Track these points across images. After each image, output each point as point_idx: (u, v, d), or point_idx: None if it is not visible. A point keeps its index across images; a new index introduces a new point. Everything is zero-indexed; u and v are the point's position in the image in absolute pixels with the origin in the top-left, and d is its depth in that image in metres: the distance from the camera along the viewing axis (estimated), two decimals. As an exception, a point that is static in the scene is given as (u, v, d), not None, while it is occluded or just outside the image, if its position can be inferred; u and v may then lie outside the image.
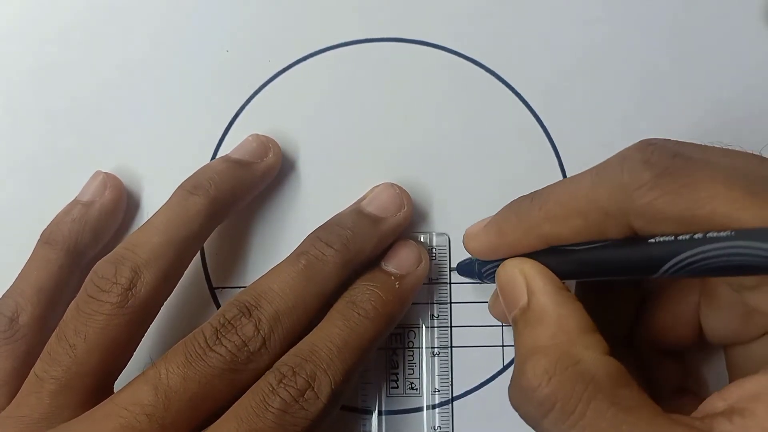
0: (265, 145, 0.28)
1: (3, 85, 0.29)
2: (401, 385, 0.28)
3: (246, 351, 0.23)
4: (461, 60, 0.29)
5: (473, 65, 0.29)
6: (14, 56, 0.29)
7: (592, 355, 0.19)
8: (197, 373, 0.22)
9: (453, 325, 0.28)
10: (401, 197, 0.27)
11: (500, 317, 0.26)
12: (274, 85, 0.29)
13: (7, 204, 0.29)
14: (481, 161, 0.29)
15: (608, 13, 0.29)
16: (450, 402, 0.28)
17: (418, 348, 0.28)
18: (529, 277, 0.21)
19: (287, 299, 0.24)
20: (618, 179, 0.19)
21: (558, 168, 0.29)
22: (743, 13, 0.29)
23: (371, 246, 0.25)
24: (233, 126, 0.29)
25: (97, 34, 0.29)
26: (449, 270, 0.28)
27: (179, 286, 0.25)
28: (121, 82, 0.29)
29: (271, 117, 0.29)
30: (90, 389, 0.23)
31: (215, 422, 0.22)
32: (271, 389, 0.22)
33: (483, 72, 0.29)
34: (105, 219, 0.27)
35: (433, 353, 0.28)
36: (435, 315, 0.28)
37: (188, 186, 0.25)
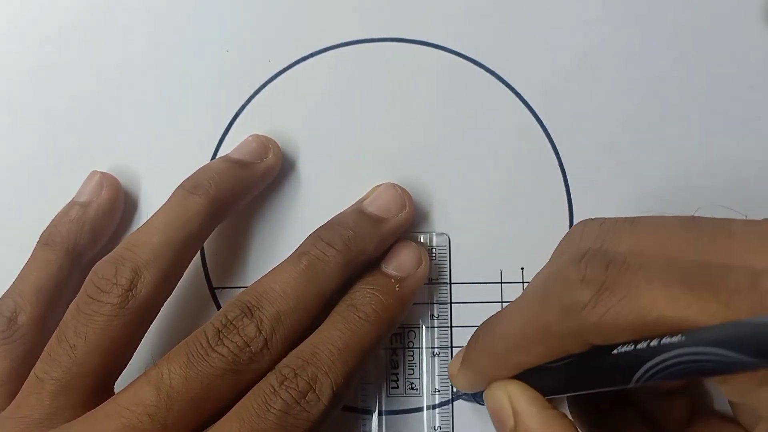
0: (265, 146, 0.28)
1: (3, 85, 0.29)
2: (401, 385, 0.28)
3: (248, 351, 0.23)
4: (461, 60, 0.29)
5: (473, 65, 0.29)
6: (14, 56, 0.29)
7: None
8: (199, 374, 0.22)
9: (453, 326, 0.28)
10: (403, 198, 0.27)
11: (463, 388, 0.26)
12: (274, 85, 0.29)
13: (7, 204, 0.29)
14: (481, 161, 0.29)
15: (608, 13, 0.29)
16: (450, 402, 0.28)
17: (419, 348, 0.28)
18: (513, 399, 0.21)
19: (289, 299, 0.24)
20: (561, 303, 0.19)
21: (558, 168, 0.29)
22: (743, 13, 0.29)
23: (373, 246, 0.25)
24: (233, 126, 0.29)
25: (97, 34, 0.29)
26: (449, 270, 0.28)
27: (179, 286, 0.25)
28: (121, 82, 0.29)
29: (271, 117, 0.29)
30: (90, 390, 0.23)
31: (217, 422, 0.22)
32: (273, 390, 0.22)
33: (483, 72, 0.29)
34: (103, 219, 0.27)
35: (434, 353, 0.28)
36: (435, 315, 0.28)
37: (188, 186, 0.25)
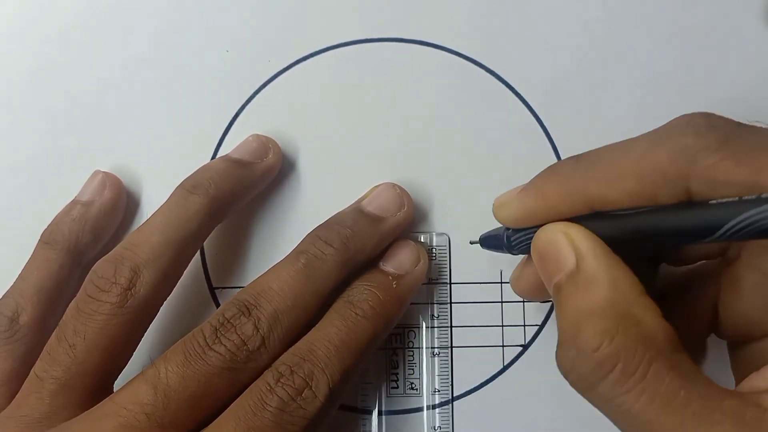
0: (266, 145, 0.28)
1: (3, 85, 0.29)
2: (401, 385, 0.28)
3: (245, 350, 0.23)
4: (461, 60, 0.29)
5: (473, 65, 0.29)
6: (14, 56, 0.29)
7: (652, 318, 0.19)
8: (196, 372, 0.22)
9: (453, 326, 0.28)
10: (402, 197, 0.27)
11: (527, 292, 0.25)
12: (274, 85, 0.29)
13: (7, 204, 0.29)
14: (481, 161, 0.29)
15: (608, 13, 0.29)
16: (450, 402, 0.28)
17: (418, 348, 0.28)
18: (577, 240, 0.20)
19: (286, 298, 0.24)
20: (681, 141, 0.19)
21: (558, 168, 0.29)
22: (743, 13, 0.29)
23: (371, 245, 0.25)
24: (233, 126, 0.29)
25: (97, 34, 0.29)
26: (449, 270, 0.28)
27: (179, 286, 0.25)
28: (121, 82, 0.29)
29: (271, 117, 0.29)
30: (90, 389, 0.23)
31: (214, 421, 0.22)
32: (269, 388, 0.22)
33: (483, 72, 0.29)
34: (105, 218, 0.27)
35: (433, 353, 0.28)
36: (435, 315, 0.28)
37: (188, 185, 0.25)
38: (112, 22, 0.29)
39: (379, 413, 0.28)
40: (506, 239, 0.24)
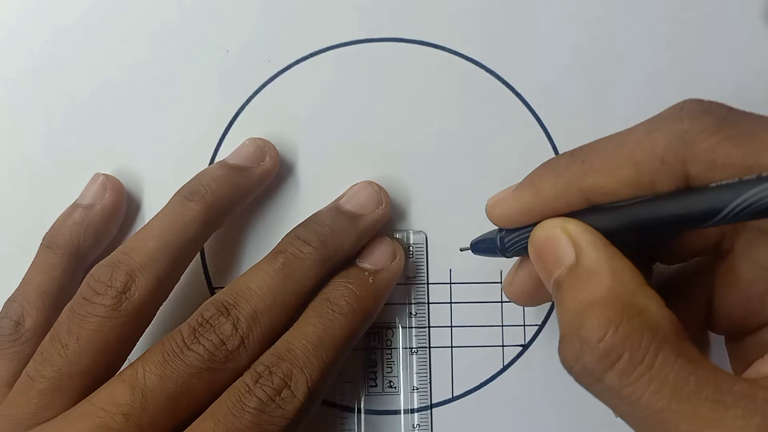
0: (262, 149, 0.28)
1: (3, 85, 0.29)
2: (380, 384, 0.28)
3: (224, 350, 0.23)
4: (461, 60, 0.29)
5: (473, 65, 0.29)
6: (14, 56, 0.29)
7: (656, 307, 0.18)
8: (174, 372, 0.22)
9: (431, 326, 0.28)
10: (379, 194, 0.27)
11: (521, 296, 0.25)
12: (274, 85, 0.29)
13: (7, 204, 0.29)
14: (481, 161, 0.29)
15: (608, 13, 0.29)
16: (428, 399, 0.28)
17: (396, 348, 0.28)
18: (575, 234, 0.20)
19: (265, 298, 0.24)
20: (677, 126, 0.19)
21: (558, 168, 0.28)
22: (743, 13, 0.29)
23: (350, 243, 0.26)
24: (233, 126, 0.29)
25: (97, 34, 0.29)
26: (426, 269, 0.28)
27: (179, 287, 0.25)
28: (121, 82, 0.29)
29: (271, 117, 0.29)
30: (80, 391, 0.23)
31: (193, 423, 0.22)
32: (248, 389, 0.22)
33: (483, 72, 0.29)
34: (106, 221, 0.27)
35: (412, 352, 0.28)
36: (413, 314, 0.28)
37: (185, 192, 0.26)
38: (112, 23, 0.29)
39: (358, 411, 0.28)
40: (499, 241, 0.23)
